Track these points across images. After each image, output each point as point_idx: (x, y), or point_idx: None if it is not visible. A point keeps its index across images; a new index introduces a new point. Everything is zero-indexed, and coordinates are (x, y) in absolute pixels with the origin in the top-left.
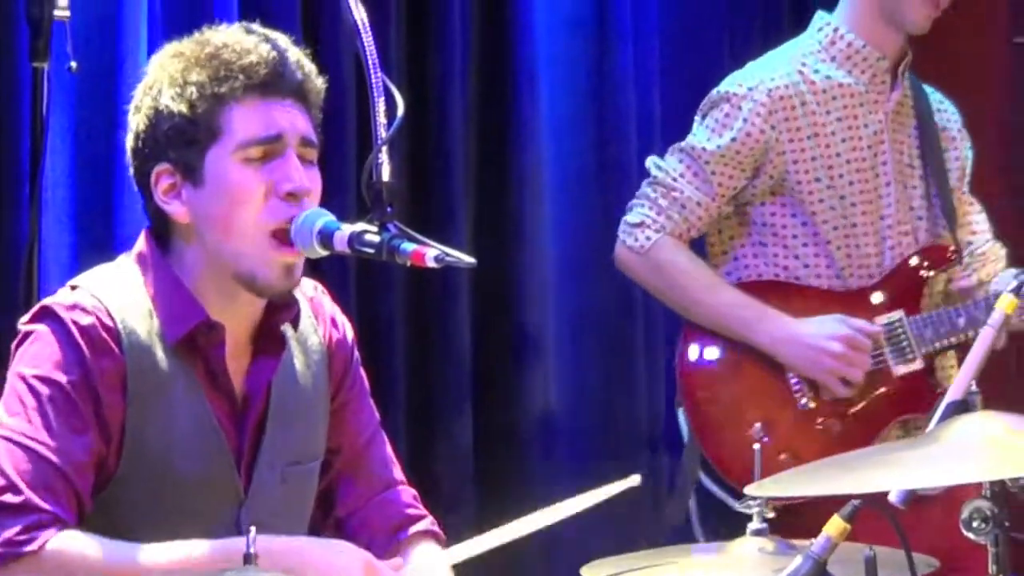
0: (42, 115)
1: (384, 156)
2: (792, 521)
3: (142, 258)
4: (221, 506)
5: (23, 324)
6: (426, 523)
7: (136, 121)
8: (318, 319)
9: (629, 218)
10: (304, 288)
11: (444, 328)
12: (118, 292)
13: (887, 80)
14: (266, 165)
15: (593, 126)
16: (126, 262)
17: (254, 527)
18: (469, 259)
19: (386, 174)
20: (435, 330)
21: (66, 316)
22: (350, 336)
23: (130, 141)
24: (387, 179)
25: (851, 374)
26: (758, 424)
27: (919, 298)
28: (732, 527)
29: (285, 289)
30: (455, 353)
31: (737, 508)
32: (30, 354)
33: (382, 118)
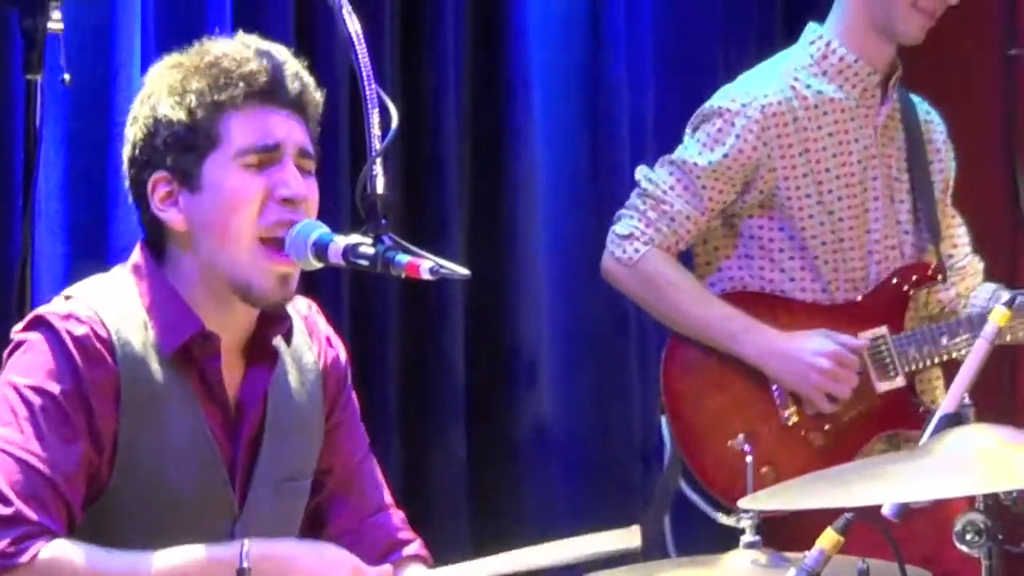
0: (36, 127)
1: (378, 168)
2: (776, 533)
3: (137, 269)
4: (215, 520)
5: (16, 332)
6: (416, 546)
7: (134, 131)
8: (312, 338)
9: (618, 229)
10: (298, 306)
11: (438, 339)
12: (113, 302)
13: (877, 94)
14: (264, 171)
15: (587, 136)
16: (121, 273)
17: (247, 540)
18: (463, 271)
19: (380, 186)
20: (429, 341)
21: (60, 325)
22: (344, 357)
23: (127, 151)
24: (381, 191)
25: (838, 390)
26: (741, 436)
27: (903, 314)
28: (708, 539)
29: (279, 299)
30: (449, 364)
31: (721, 521)
32: (23, 363)
33: (376, 130)
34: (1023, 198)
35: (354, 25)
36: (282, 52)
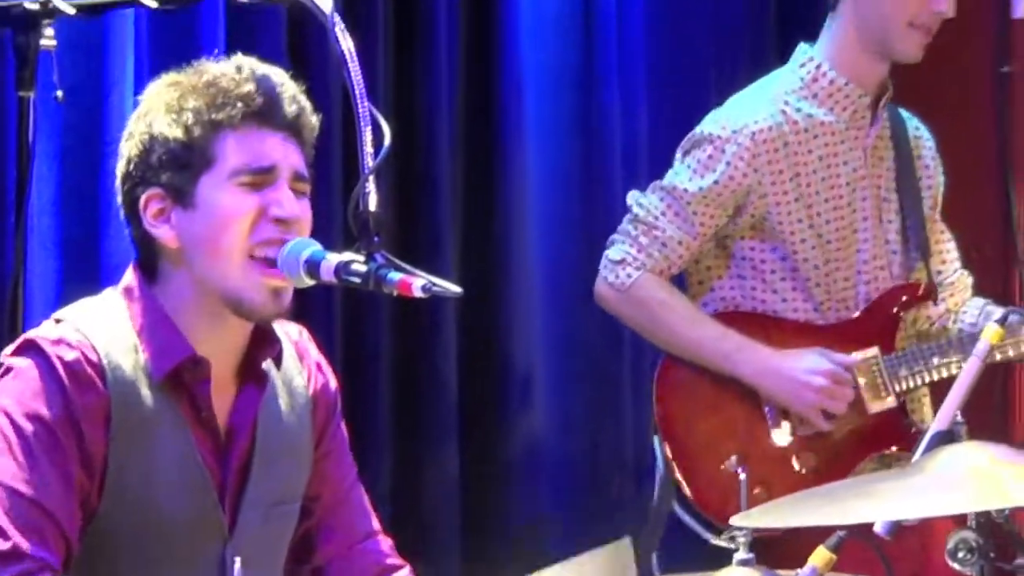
0: (28, 144)
1: (371, 186)
2: (769, 552)
3: (129, 292)
4: (205, 544)
5: (6, 357)
6: (405, 572)
7: (128, 147)
8: (303, 363)
9: (610, 254)
10: (289, 331)
11: (431, 356)
12: (103, 326)
13: (867, 116)
14: (259, 191)
15: (579, 153)
16: (112, 295)
17: (239, 559)
18: (456, 288)
19: (373, 204)
20: (422, 359)
21: (51, 351)
22: (334, 385)
23: (121, 167)
24: (374, 209)
25: (833, 406)
26: (734, 458)
27: (894, 335)
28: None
29: (272, 313)
30: (442, 382)
31: (714, 542)
32: (14, 390)
33: (369, 148)
34: (1016, 215)
35: (347, 43)
36: (280, 75)
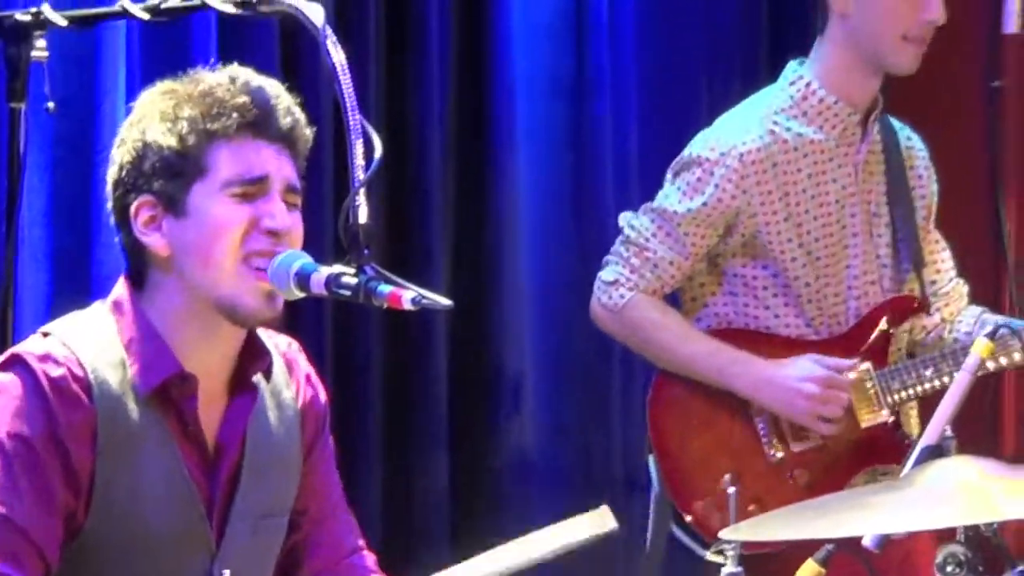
0: (20, 154)
1: (361, 198)
2: (759, 565)
3: (117, 306)
4: (192, 558)
5: None
6: None
7: (121, 153)
8: (291, 375)
9: (604, 275)
10: (278, 343)
11: (421, 367)
12: (91, 340)
13: (857, 132)
14: (251, 202)
15: (570, 165)
16: (101, 309)
17: (227, 572)
18: (446, 301)
19: (363, 216)
20: (412, 369)
21: (37, 367)
22: (323, 398)
23: (112, 173)
24: (364, 221)
25: (829, 411)
26: (728, 476)
27: (886, 349)
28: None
29: (266, 316)
30: (432, 392)
31: (709, 558)
32: None
33: (360, 160)
34: (1006, 227)
35: (339, 56)
36: (275, 87)
